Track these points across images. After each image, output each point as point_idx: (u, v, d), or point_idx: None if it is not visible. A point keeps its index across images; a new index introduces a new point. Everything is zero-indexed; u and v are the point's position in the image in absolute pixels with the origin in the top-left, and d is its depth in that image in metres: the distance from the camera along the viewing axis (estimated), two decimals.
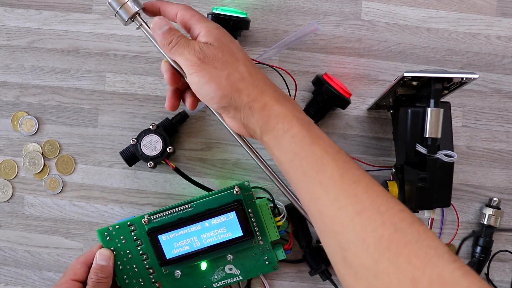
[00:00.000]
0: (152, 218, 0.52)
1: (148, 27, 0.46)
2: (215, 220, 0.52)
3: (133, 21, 0.47)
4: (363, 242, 0.36)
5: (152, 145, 0.56)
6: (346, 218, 0.37)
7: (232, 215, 0.52)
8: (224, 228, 0.52)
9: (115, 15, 0.46)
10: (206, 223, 0.52)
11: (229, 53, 0.43)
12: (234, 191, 0.53)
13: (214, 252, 0.53)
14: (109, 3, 0.46)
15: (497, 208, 0.59)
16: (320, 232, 0.40)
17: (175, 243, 0.52)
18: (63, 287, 0.49)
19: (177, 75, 0.47)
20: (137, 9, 0.46)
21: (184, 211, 0.53)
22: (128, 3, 0.46)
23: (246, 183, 0.53)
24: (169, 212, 0.52)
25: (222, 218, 0.52)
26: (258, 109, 0.42)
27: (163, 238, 0.52)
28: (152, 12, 0.47)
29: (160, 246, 0.52)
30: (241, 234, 0.52)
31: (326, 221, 0.39)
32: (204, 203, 0.53)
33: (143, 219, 0.52)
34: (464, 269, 0.33)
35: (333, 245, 0.39)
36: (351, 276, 0.37)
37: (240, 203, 0.52)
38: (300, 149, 0.40)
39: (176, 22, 0.46)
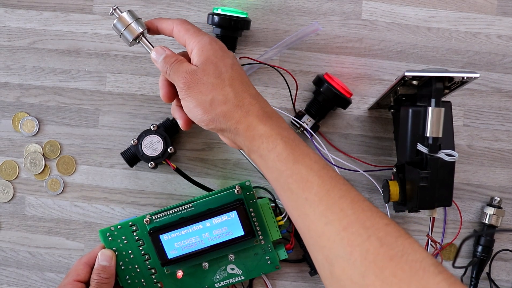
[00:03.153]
0: (154, 218, 0.52)
1: (151, 45, 0.47)
2: (216, 220, 0.52)
3: (138, 42, 0.47)
4: (349, 257, 0.36)
5: (153, 145, 0.56)
6: (333, 233, 0.38)
7: (233, 215, 0.52)
8: (225, 227, 0.52)
9: (120, 37, 0.47)
10: (207, 223, 0.52)
11: (215, 75, 0.43)
12: (235, 191, 0.53)
13: (216, 251, 0.53)
14: (114, 25, 0.47)
15: (499, 207, 0.59)
16: (309, 247, 0.41)
17: (177, 243, 0.52)
18: None
19: (172, 92, 0.48)
20: (141, 30, 0.47)
21: (185, 210, 0.53)
22: (132, 24, 0.46)
23: (247, 183, 0.53)
24: (171, 212, 0.53)
25: (224, 217, 0.52)
26: (243, 130, 0.43)
27: (164, 238, 0.52)
28: (152, 30, 0.48)
29: (162, 246, 0.52)
30: (243, 233, 0.52)
31: (314, 236, 0.39)
32: (206, 202, 0.53)
33: (144, 219, 0.52)
34: (451, 280, 0.34)
35: (321, 260, 0.39)
36: None
37: (241, 202, 0.52)
38: (285, 167, 0.41)
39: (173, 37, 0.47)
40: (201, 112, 0.43)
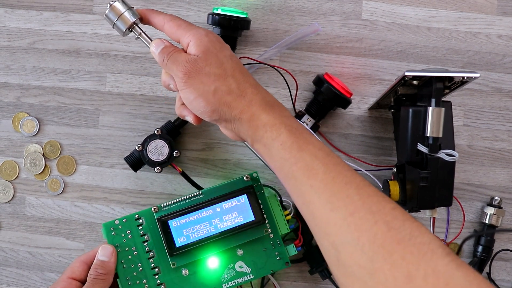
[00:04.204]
0: (162, 206, 0.52)
1: (148, 36, 0.47)
2: (226, 204, 0.52)
3: (131, 31, 0.47)
4: (357, 242, 0.36)
5: (159, 150, 0.56)
6: (339, 219, 0.38)
7: (244, 199, 0.52)
8: (235, 212, 0.52)
9: (113, 27, 0.47)
10: (217, 208, 0.52)
11: (217, 65, 0.43)
12: (244, 178, 0.53)
13: (225, 240, 0.52)
14: (106, 15, 0.46)
15: (499, 207, 0.59)
16: (314, 234, 0.41)
17: (185, 230, 0.51)
18: (59, 285, 0.47)
19: None
20: (134, 19, 0.46)
21: (194, 198, 0.53)
22: (125, 13, 0.46)
23: (254, 174, 0.53)
24: (179, 200, 0.52)
25: (234, 202, 0.52)
26: (247, 120, 0.43)
27: (173, 224, 0.51)
28: (145, 20, 0.47)
29: (170, 232, 0.51)
30: (253, 218, 0.52)
31: (319, 223, 0.39)
32: (215, 189, 0.53)
33: (152, 208, 0.52)
34: (458, 262, 0.34)
35: (327, 247, 0.39)
36: (346, 276, 0.37)
37: (251, 186, 0.52)
38: (289, 155, 0.41)
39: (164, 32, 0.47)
40: (204, 103, 0.43)
